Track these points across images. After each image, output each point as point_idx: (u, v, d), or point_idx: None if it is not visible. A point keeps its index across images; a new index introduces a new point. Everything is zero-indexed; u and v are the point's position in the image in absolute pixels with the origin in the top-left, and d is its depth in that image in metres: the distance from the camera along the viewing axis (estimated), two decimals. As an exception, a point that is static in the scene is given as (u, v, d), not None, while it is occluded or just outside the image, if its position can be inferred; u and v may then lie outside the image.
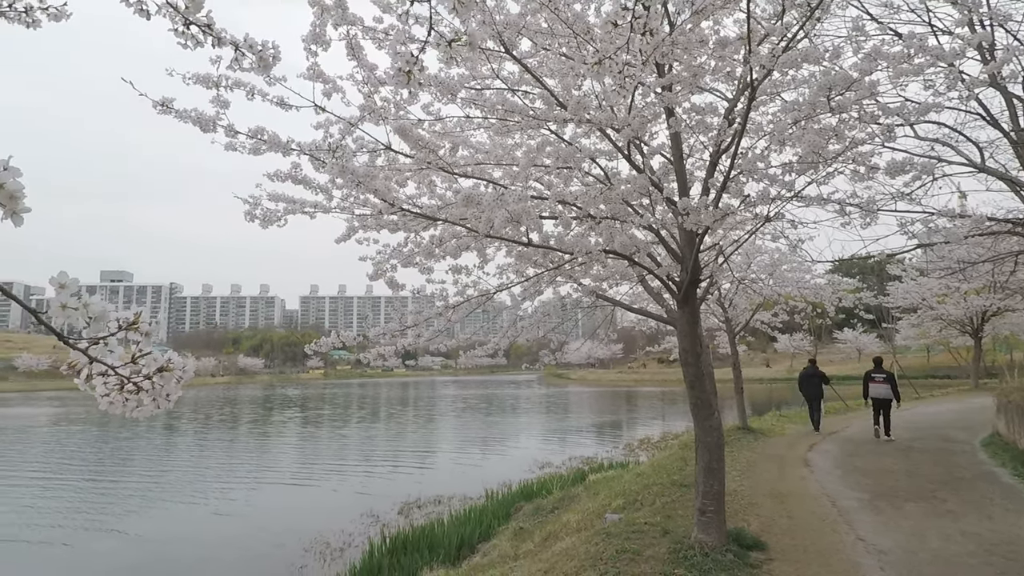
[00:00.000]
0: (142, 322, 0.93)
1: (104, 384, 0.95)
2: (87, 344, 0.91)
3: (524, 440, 21.84)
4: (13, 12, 1.56)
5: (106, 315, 0.90)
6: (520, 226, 3.76)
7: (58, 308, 0.86)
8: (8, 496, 13.63)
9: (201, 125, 3.14)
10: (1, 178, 0.76)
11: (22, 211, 0.78)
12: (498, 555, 7.56)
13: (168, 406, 1.01)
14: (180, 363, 0.98)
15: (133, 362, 0.96)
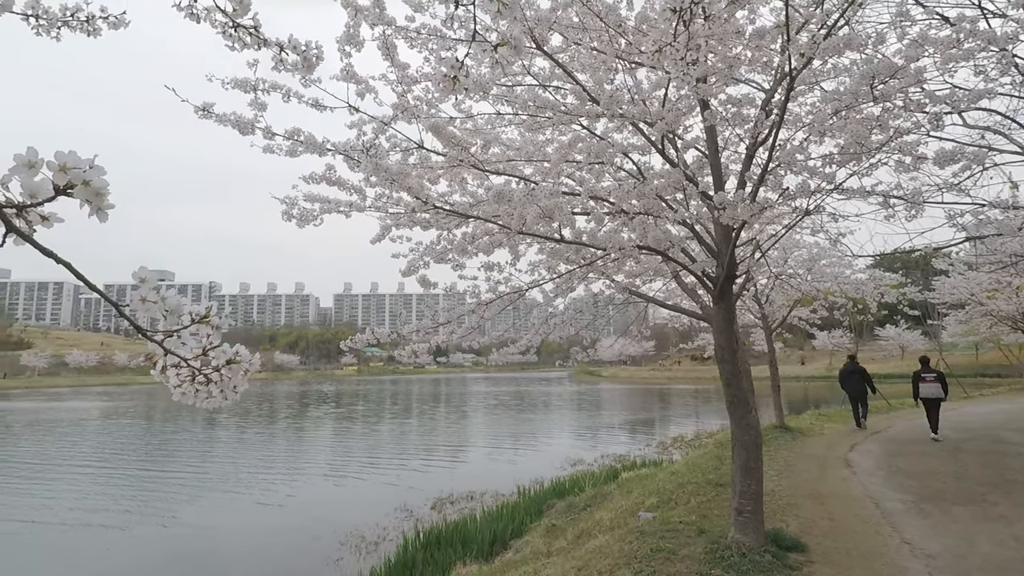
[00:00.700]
0: (213, 316, 0.96)
1: (177, 375, 0.99)
2: (162, 337, 0.94)
3: (555, 437, 21.81)
4: (76, 22, 1.63)
5: (181, 309, 0.95)
6: (552, 222, 3.74)
7: (139, 302, 0.91)
8: (67, 484, 14.36)
9: (240, 128, 3.22)
10: (88, 176, 0.80)
11: (107, 207, 0.82)
12: (531, 552, 7.57)
13: (235, 397, 1.05)
14: (247, 356, 1.02)
15: (204, 354, 0.99)
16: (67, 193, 0.80)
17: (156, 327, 0.95)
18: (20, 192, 0.80)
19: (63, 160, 0.81)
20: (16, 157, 0.79)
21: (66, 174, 0.80)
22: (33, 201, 0.80)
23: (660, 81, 4.69)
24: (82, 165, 0.81)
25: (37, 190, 0.80)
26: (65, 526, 10.70)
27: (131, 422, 30.20)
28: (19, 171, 0.79)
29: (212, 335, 0.99)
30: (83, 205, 0.82)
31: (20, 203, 0.79)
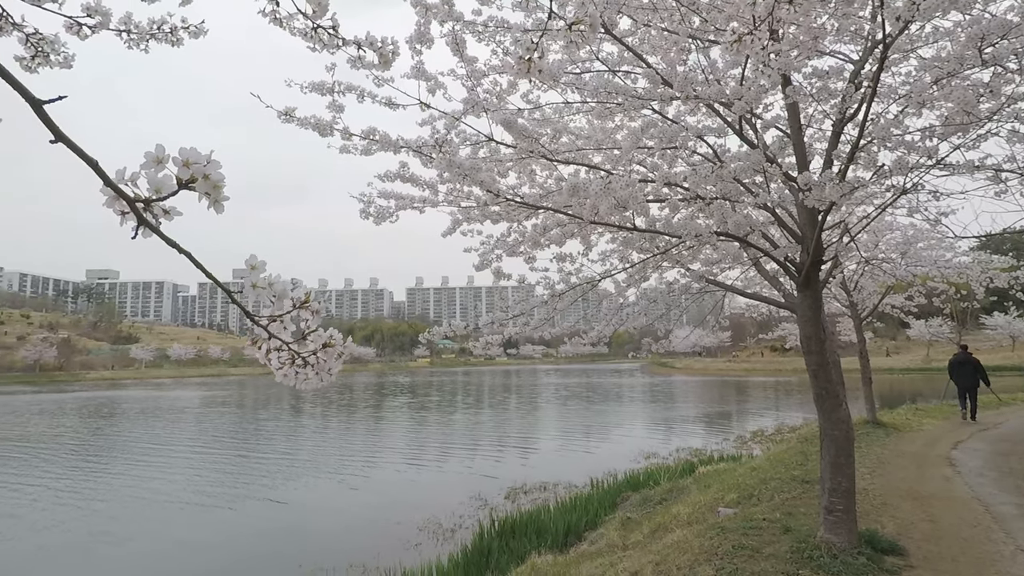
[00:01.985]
0: (313, 301, 1.01)
1: (278, 358, 1.05)
2: (267, 321, 1.00)
3: (628, 429, 21.51)
4: (162, 33, 1.75)
5: (287, 294, 1.00)
6: (626, 211, 3.66)
7: (250, 288, 0.97)
8: (180, 464, 15.89)
9: (319, 130, 3.36)
10: (207, 169, 0.86)
11: (222, 199, 0.89)
12: (606, 544, 7.51)
13: (330, 379, 1.10)
14: (341, 339, 1.06)
15: (303, 338, 1.04)
16: (189, 187, 0.86)
17: (261, 313, 1.00)
18: (146, 188, 0.86)
19: (186, 156, 0.87)
20: (146, 154, 0.85)
21: (189, 168, 0.86)
22: (158, 196, 0.86)
23: (737, 59, 4.47)
24: (201, 160, 0.87)
25: (161, 185, 0.87)
26: (182, 502, 11.85)
27: (227, 409, 32.78)
28: (149, 167, 0.85)
29: (311, 320, 1.03)
30: (201, 198, 0.88)
31: (147, 198, 0.85)
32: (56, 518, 10.80)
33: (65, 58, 1.63)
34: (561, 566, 6.92)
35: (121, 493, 12.69)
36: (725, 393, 38.54)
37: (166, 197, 0.87)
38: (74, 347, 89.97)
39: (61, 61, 1.63)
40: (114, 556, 8.95)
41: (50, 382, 69.92)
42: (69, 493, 12.81)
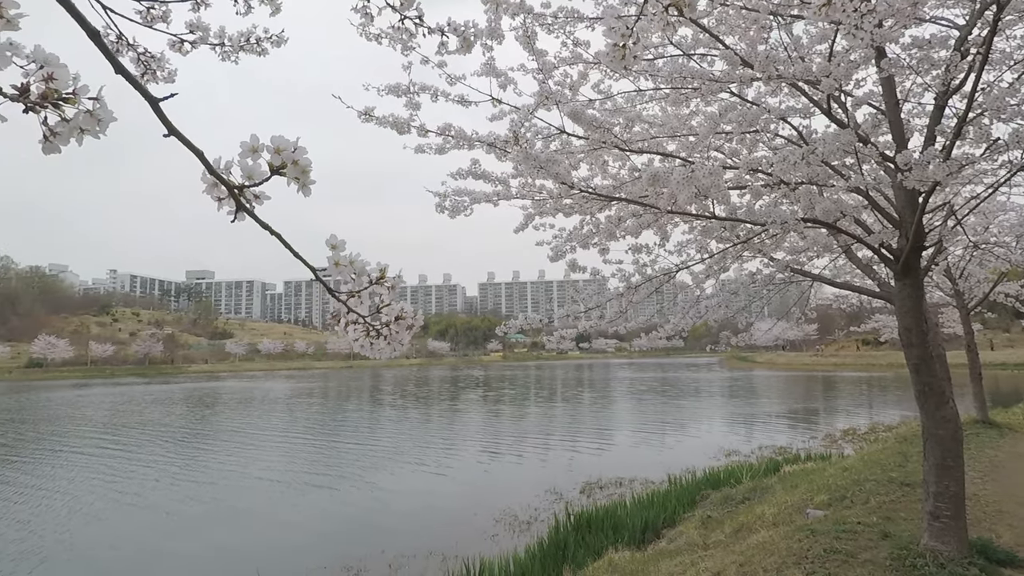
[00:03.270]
0: (388, 277, 1.08)
1: (355, 330, 1.13)
2: (346, 297, 1.09)
3: (706, 425, 20.85)
4: (249, 45, 1.86)
5: (366, 272, 1.09)
6: (706, 199, 3.53)
7: (333, 266, 1.06)
8: (278, 449, 17.31)
9: (397, 128, 3.46)
10: (295, 155, 0.93)
11: (310, 183, 0.96)
12: (685, 542, 7.32)
13: (402, 349, 1.20)
14: (411, 312, 1.15)
15: (378, 312, 1.13)
16: (280, 172, 0.93)
17: (340, 289, 1.08)
18: (240, 176, 0.94)
19: (277, 143, 0.93)
20: (242, 144, 0.93)
21: (280, 155, 0.93)
22: (251, 182, 0.93)
23: (824, 33, 4.20)
24: (290, 147, 0.93)
25: (253, 172, 0.94)
26: (283, 483, 12.88)
27: (314, 400, 34.96)
28: (245, 155, 0.93)
29: (385, 295, 1.10)
30: (290, 183, 0.95)
31: (241, 184, 0.92)
32: (177, 495, 11.98)
33: (169, 73, 1.78)
34: (639, 563, 6.82)
35: (230, 475, 13.86)
36: (812, 389, 36.53)
37: (259, 183, 0.94)
38: (177, 342, 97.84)
39: (166, 76, 1.78)
40: (228, 530, 9.76)
41: (158, 374, 76.57)
42: (185, 474, 14.15)
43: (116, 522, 10.37)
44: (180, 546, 9.12)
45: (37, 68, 0.80)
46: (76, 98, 0.83)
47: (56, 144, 0.84)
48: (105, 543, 9.29)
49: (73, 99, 0.83)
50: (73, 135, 0.84)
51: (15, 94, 0.79)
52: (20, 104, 0.79)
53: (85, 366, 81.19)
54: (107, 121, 0.86)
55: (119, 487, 12.83)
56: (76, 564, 8.48)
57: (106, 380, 65.32)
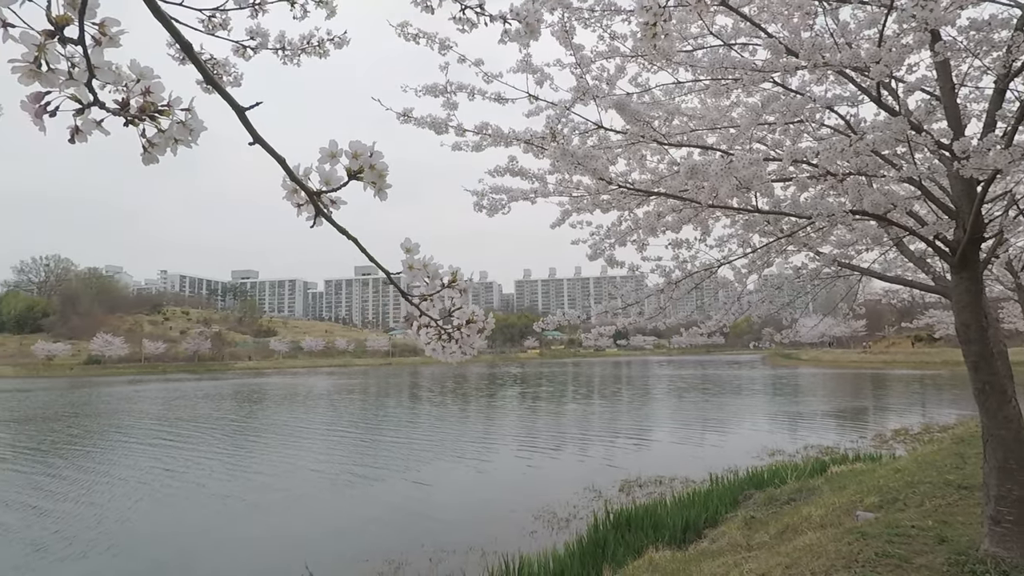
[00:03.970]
0: (460, 280, 1.09)
1: (427, 334, 1.14)
2: (419, 300, 1.10)
3: (749, 424, 20.38)
4: (311, 47, 1.90)
5: (438, 275, 1.10)
6: (748, 192, 3.44)
7: (407, 269, 1.08)
8: (320, 445, 17.78)
9: (435, 128, 3.50)
10: (372, 160, 0.96)
11: (386, 187, 0.99)
12: (728, 543, 7.19)
13: (472, 353, 1.20)
14: (482, 316, 1.14)
15: (449, 315, 1.14)
16: (357, 177, 0.95)
17: (413, 293, 1.10)
18: (318, 181, 0.96)
19: (355, 148, 0.95)
20: (321, 150, 0.95)
21: (358, 160, 0.95)
22: (328, 188, 0.96)
23: (873, 18, 4.03)
24: (366, 151, 0.95)
25: (330, 178, 0.96)
26: (329, 475, 13.31)
27: (356, 396, 35.89)
28: (324, 161, 0.95)
29: (457, 299, 1.10)
30: (366, 187, 0.97)
31: (319, 190, 0.94)
32: (232, 485, 12.57)
33: (235, 78, 1.84)
34: (680, 563, 6.73)
35: (281, 467, 14.40)
36: (860, 387, 35.28)
37: (336, 189, 0.96)
38: (224, 340, 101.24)
39: (231, 81, 1.84)
40: (279, 519, 10.13)
41: (207, 371, 79.45)
42: (239, 465, 14.81)
43: (178, 509, 10.90)
44: (235, 532, 9.56)
45: (135, 82, 0.84)
46: (170, 110, 0.87)
47: (154, 155, 0.88)
48: (169, 528, 9.77)
49: (168, 111, 0.87)
50: (168, 145, 0.88)
51: (117, 108, 0.83)
52: (121, 117, 0.84)
53: (139, 363, 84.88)
54: (198, 131, 0.90)
55: (179, 477, 13.49)
56: (145, 545, 8.97)
57: (159, 376, 68.25)
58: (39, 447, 18.60)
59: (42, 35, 0.77)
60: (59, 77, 0.79)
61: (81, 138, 0.85)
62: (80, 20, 0.77)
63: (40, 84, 0.79)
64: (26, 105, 0.81)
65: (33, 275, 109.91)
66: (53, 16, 0.77)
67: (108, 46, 0.81)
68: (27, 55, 0.77)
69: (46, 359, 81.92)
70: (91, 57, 0.79)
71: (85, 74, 0.80)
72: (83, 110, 0.83)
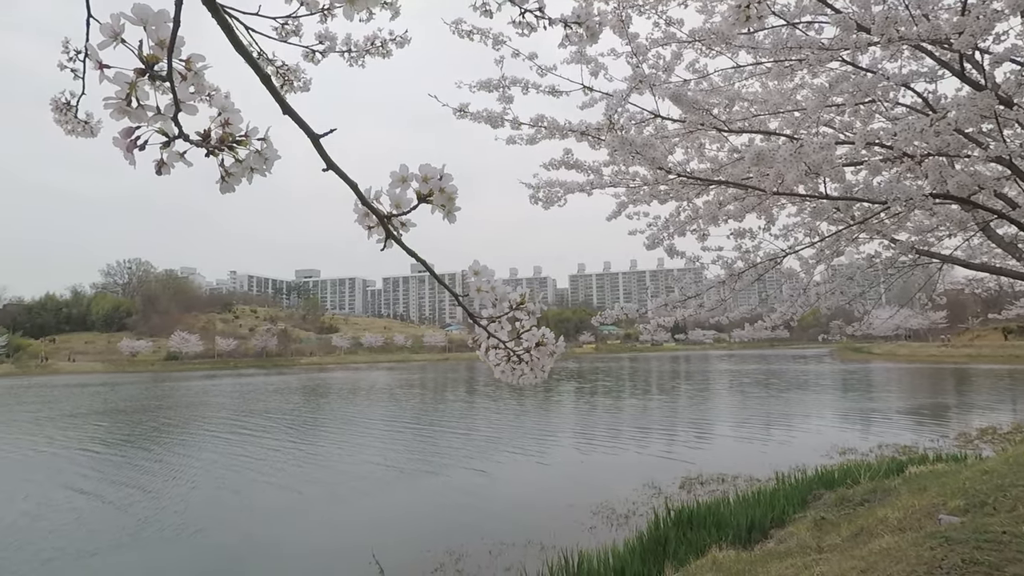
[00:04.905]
0: (528, 302, 1.08)
1: (496, 355, 1.14)
2: (486, 322, 1.10)
3: (817, 421, 19.52)
4: (374, 48, 1.95)
5: (506, 297, 1.10)
6: (817, 177, 3.27)
7: (475, 291, 1.09)
8: (385, 437, 18.55)
9: (491, 122, 3.51)
10: (442, 183, 0.97)
11: (455, 210, 1.00)
12: (797, 544, 6.92)
13: (543, 376, 1.17)
14: (552, 338, 1.13)
15: (518, 337, 1.13)
16: (427, 200, 0.97)
17: (481, 313, 1.11)
18: (388, 204, 0.99)
19: (425, 171, 0.97)
20: (391, 174, 0.97)
21: (427, 183, 0.96)
22: (399, 211, 0.98)
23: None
24: (436, 174, 0.97)
25: (401, 201, 0.98)
26: (394, 467, 13.82)
27: (416, 390, 36.92)
28: (395, 185, 0.97)
29: (526, 320, 1.10)
30: (435, 210, 0.99)
31: (389, 213, 0.97)
32: (303, 475, 13.15)
33: (304, 83, 1.91)
34: (746, 563, 6.52)
35: (347, 459, 14.95)
36: (940, 383, 33.15)
37: (407, 212, 0.98)
38: (289, 336, 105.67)
39: (301, 86, 1.90)
40: (347, 509, 10.55)
41: (274, 366, 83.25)
42: (308, 457, 15.45)
43: (257, 495, 11.57)
44: (310, 517, 10.00)
45: (217, 114, 0.88)
46: (248, 140, 0.91)
47: (231, 183, 0.93)
48: (249, 513, 10.36)
49: (245, 141, 0.91)
50: (245, 175, 0.92)
51: (199, 140, 0.88)
52: (202, 148, 0.89)
53: (213, 359, 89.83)
54: (272, 160, 0.94)
55: (256, 465, 14.29)
56: (228, 528, 9.59)
57: (231, 371, 72.04)
58: (131, 436, 20.17)
59: (133, 73, 0.81)
60: (148, 112, 0.83)
61: (166, 170, 0.89)
62: (168, 58, 0.81)
63: (130, 120, 0.84)
64: (118, 140, 0.85)
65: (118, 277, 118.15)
66: (144, 55, 0.81)
67: (192, 81, 0.85)
68: (119, 92, 0.82)
69: (131, 356, 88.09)
70: (177, 92, 0.83)
71: (171, 108, 0.84)
72: (169, 143, 0.87)
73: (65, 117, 1.74)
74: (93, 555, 8.41)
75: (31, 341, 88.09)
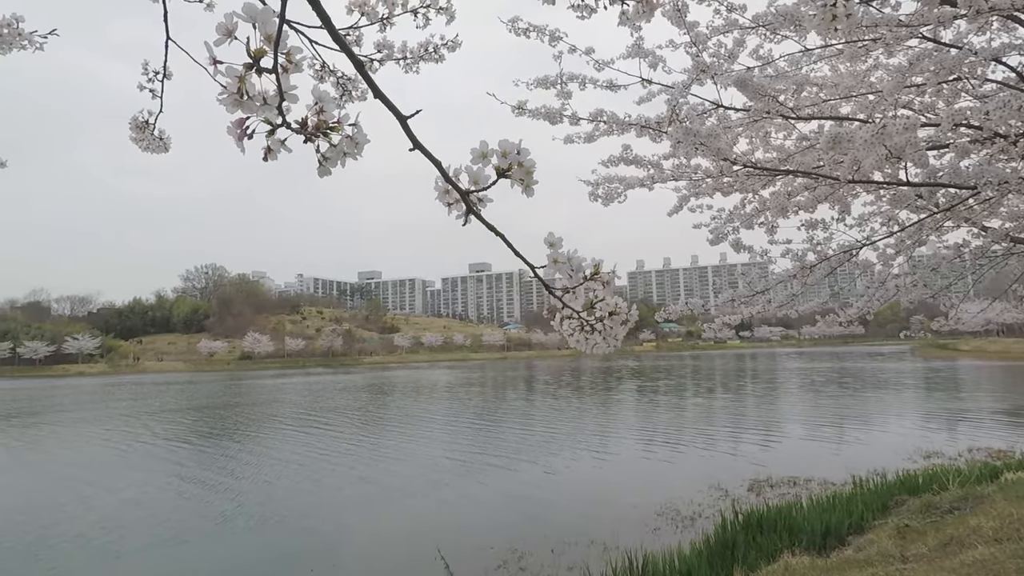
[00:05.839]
0: (603, 272, 1.10)
1: (569, 325, 1.16)
2: (561, 293, 1.13)
3: (897, 421, 18.39)
4: (428, 54, 1.98)
5: (581, 268, 1.11)
6: (899, 162, 3.07)
7: (552, 263, 1.10)
8: (449, 433, 19.12)
9: (549, 119, 3.51)
10: (520, 158, 1.00)
11: (533, 184, 1.02)
12: (877, 552, 6.53)
13: (616, 345, 1.19)
14: (625, 307, 1.15)
15: (591, 307, 1.14)
16: (505, 175, 0.99)
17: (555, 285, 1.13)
18: (467, 181, 1.02)
19: (504, 147, 0.99)
20: (472, 150, 1.00)
21: (506, 158, 0.98)
22: (478, 187, 1.00)
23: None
24: (514, 149, 0.99)
25: (479, 177, 1.01)
26: (461, 463, 14.12)
27: (476, 389, 37.49)
28: (476, 161, 1.00)
29: (600, 291, 1.11)
30: (514, 184, 1.01)
31: (468, 189, 0.99)
32: (376, 470, 13.63)
33: (361, 92, 1.97)
34: (821, 570, 6.22)
35: (416, 454, 15.40)
36: (1039, 382, 30.53)
37: (486, 188, 1.00)
38: (353, 336, 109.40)
39: (359, 95, 1.96)
40: (418, 502, 10.86)
41: (340, 365, 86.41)
42: (381, 452, 16.01)
43: (332, 489, 12.04)
44: (380, 512, 10.36)
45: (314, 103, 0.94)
46: (340, 126, 0.96)
47: (327, 167, 0.98)
48: (324, 506, 10.76)
49: (338, 127, 0.96)
50: (339, 159, 0.97)
51: (298, 128, 0.93)
52: (301, 136, 0.95)
53: (282, 358, 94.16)
54: (363, 144, 0.98)
55: (331, 460, 14.91)
56: (306, 520, 9.97)
57: (300, 370, 75.35)
58: (216, 431, 21.58)
59: (243, 68, 0.88)
60: (256, 103, 0.90)
61: (272, 156, 0.96)
62: (275, 51, 0.87)
63: (242, 111, 0.90)
64: (231, 130, 0.92)
65: (196, 282, 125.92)
66: (252, 50, 0.87)
67: (293, 72, 0.91)
68: (231, 86, 0.88)
69: (208, 355, 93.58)
70: (282, 83, 0.89)
71: (276, 98, 0.90)
72: (273, 131, 0.93)
73: (142, 135, 1.87)
74: (186, 542, 9.01)
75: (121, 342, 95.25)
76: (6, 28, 1.79)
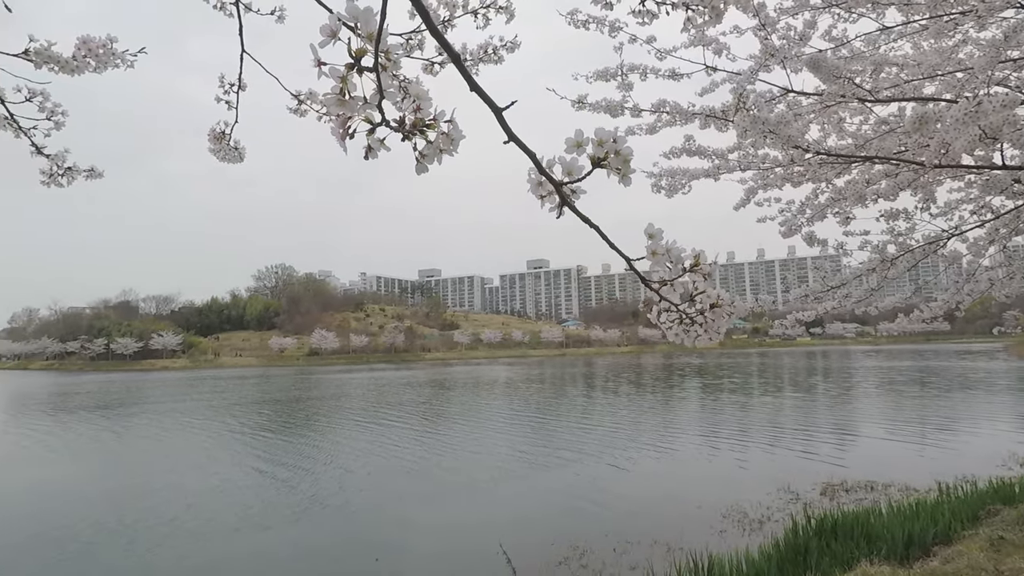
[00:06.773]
0: (702, 263, 1.07)
1: (668, 318, 1.13)
2: (658, 285, 1.10)
3: (989, 426, 17.05)
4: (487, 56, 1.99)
5: (680, 260, 1.08)
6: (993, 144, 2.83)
7: (651, 255, 1.08)
8: (513, 429, 19.18)
9: (611, 111, 3.46)
10: (617, 146, 0.99)
11: (630, 173, 1.02)
12: (967, 565, 6.10)
13: (718, 338, 1.15)
14: (728, 299, 1.11)
15: (692, 300, 1.11)
16: (601, 165, 0.99)
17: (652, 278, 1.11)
18: (560, 172, 1.01)
19: (599, 135, 0.98)
20: (566, 140, 1.00)
21: (603, 147, 0.98)
22: (571, 178, 1.00)
23: None
24: (610, 137, 0.98)
25: (572, 168, 1.00)
26: (524, 458, 14.26)
27: (536, 385, 37.65)
28: (570, 151, 0.99)
29: (699, 283, 1.09)
30: (611, 174, 1.00)
31: (561, 180, 1.00)
32: (444, 464, 13.93)
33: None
34: (903, 581, 5.87)
35: (480, 450, 15.61)
36: None
37: (580, 179, 0.99)
38: (415, 333, 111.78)
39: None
40: (483, 498, 11.06)
41: (402, 361, 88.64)
42: (446, 446, 16.37)
43: (401, 481, 12.41)
44: (447, 506, 10.54)
45: (411, 101, 0.96)
46: (436, 123, 0.97)
47: (424, 164, 0.99)
48: (394, 498, 11.08)
49: (434, 124, 0.97)
50: (436, 155, 0.99)
51: (396, 126, 0.95)
52: (399, 133, 0.97)
53: (348, 354, 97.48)
54: (458, 140, 0.99)
55: (400, 453, 15.39)
56: (376, 512, 10.33)
57: (364, 366, 77.82)
58: (289, 423, 22.71)
59: (344, 68, 0.90)
60: (358, 103, 0.92)
61: (373, 154, 0.97)
62: (376, 50, 0.89)
63: (345, 111, 0.93)
64: (334, 130, 0.95)
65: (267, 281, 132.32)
66: (353, 49, 0.89)
67: (391, 69, 0.93)
68: (335, 87, 0.91)
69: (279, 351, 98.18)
70: (382, 81, 0.91)
71: (376, 97, 0.92)
72: (373, 129, 0.95)
73: (219, 146, 1.98)
74: (268, 528, 9.53)
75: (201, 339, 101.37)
76: (102, 48, 1.93)
